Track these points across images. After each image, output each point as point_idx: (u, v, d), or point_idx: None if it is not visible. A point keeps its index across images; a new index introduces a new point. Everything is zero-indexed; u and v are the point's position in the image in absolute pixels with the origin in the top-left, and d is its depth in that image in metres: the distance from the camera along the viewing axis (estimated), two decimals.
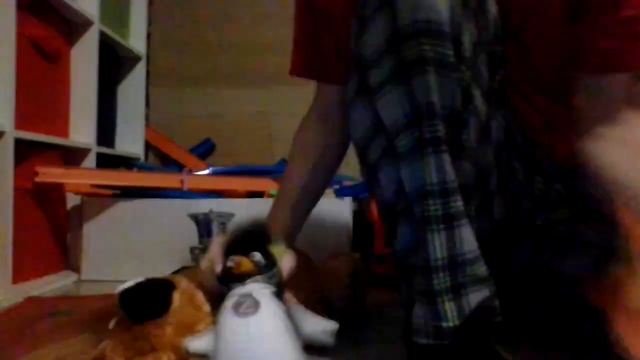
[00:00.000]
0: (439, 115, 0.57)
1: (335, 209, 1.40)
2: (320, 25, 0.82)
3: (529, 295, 0.80)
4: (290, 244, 0.76)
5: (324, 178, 0.87)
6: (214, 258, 0.65)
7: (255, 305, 0.57)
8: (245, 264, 0.61)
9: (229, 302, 0.59)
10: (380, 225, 1.36)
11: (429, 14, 0.56)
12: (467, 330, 0.58)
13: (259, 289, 0.60)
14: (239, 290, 0.60)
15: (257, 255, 0.62)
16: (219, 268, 0.64)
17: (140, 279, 0.63)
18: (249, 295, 0.58)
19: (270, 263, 0.63)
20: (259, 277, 0.61)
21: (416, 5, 0.56)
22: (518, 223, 0.74)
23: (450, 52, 0.57)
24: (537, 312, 0.82)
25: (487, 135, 0.66)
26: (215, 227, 1.36)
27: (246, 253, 0.63)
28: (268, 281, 0.62)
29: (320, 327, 0.64)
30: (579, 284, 0.75)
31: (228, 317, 0.58)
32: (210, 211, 1.38)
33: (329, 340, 0.64)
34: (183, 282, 0.66)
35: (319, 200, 0.88)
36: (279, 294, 0.64)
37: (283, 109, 1.90)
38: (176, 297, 0.63)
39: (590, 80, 0.67)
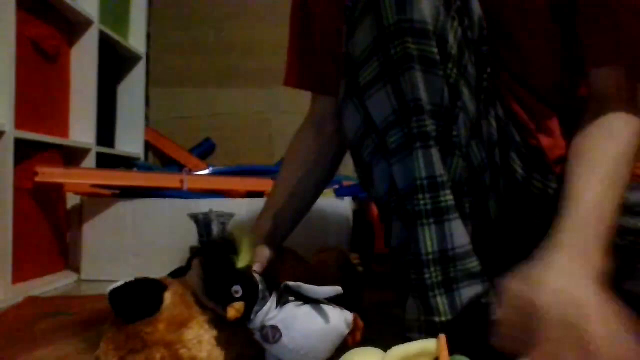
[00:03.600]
0: (427, 111, 0.58)
1: (335, 209, 1.40)
2: (315, 37, 0.82)
3: None
4: (274, 248, 0.77)
5: (313, 188, 0.87)
6: (196, 287, 0.66)
7: (275, 330, 0.61)
8: (238, 308, 0.61)
9: (257, 337, 0.63)
10: (380, 225, 1.37)
11: (413, 14, 0.57)
12: (464, 327, 0.58)
13: (268, 318, 0.62)
14: (253, 325, 0.63)
15: (239, 289, 0.62)
16: (203, 296, 0.65)
17: (129, 279, 0.63)
18: (264, 327, 0.62)
19: (252, 283, 0.64)
20: (257, 309, 0.63)
21: (400, 6, 0.57)
22: (516, 222, 0.74)
23: (435, 50, 0.58)
24: None
25: (479, 132, 0.66)
26: (215, 227, 1.36)
27: (223, 270, 0.64)
28: (263, 302, 0.63)
29: (343, 318, 0.65)
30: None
31: (268, 348, 0.63)
32: (210, 211, 1.38)
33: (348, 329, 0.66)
34: (174, 283, 0.66)
35: (309, 208, 0.88)
36: (278, 292, 0.65)
37: (283, 109, 1.90)
38: (167, 296, 0.63)
39: (587, 76, 0.67)
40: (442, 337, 0.50)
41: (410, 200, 0.58)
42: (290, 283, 0.64)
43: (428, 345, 0.50)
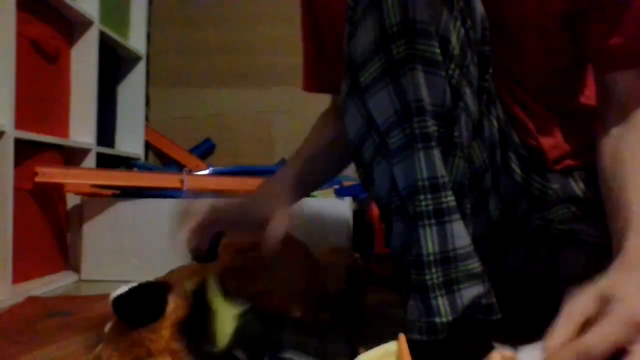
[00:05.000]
0: (429, 112, 0.57)
1: (335, 209, 1.40)
2: (327, 39, 0.82)
3: (527, 293, 0.80)
4: (293, 200, 0.78)
5: (337, 157, 0.88)
6: None
7: None
8: None
9: None
10: (380, 225, 1.37)
11: (415, 14, 0.57)
12: (465, 328, 0.58)
13: None
14: None
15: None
16: None
17: (133, 283, 0.62)
18: None
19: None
20: None
21: (403, 6, 0.57)
22: (516, 223, 0.74)
23: (437, 51, 0.58)
24: (536, 309, 0.82)
25: (480, 133, 0.66)
26: None
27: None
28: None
29: None
30: (577, 281, 0.76)
31: None
32: None
33: None
34: (177, 284, 0.66)
35: (331, 175, 0.90)
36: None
37: (283, 109, 1.90)
38: (171, 299, 0.63)
39: (602, 79, 0.68)
40: (402, 337, 0.50)
41: (411, 200, 0.58)
42: (284, 355, 0.61)
43: (390, 347, 0.50)
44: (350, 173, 1.40)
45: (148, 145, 1.95)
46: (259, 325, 0.63)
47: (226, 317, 0.61)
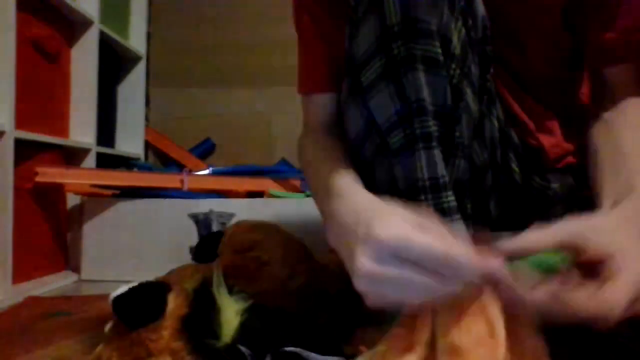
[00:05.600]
0: (430, 112, 0.57)
1: None
2: (330, 40, 0.81)
3: None
4: None
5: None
6: None
7: None
8: None
9: None
10: None
11: (417, 14, 0.57)
12: None
13: None
14: None
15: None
16: None
17: (133, 283, 0.62)
18: None
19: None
20: None
21: (404, 6, 0.57)
22: (516, 223, 0.74)
23: (439, 51, 0.57)
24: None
25: (481, 133, 0.66)
26: (215, 227, 1.36)
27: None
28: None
29: None
30: None
31: None
32: (210, 211, 1.38)
33: None
34: (177, 284, 0.66)
35: None
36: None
37: (283, 109, 1.90)
38: (171, 299, 0.63)
39: (596, 73, 0.68)
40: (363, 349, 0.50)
41: (412, 201, 0.58)
42: (288, 349, 0.60)
43: None
44: None
45: (148, 145, 1.95)
46: (263, 321, 0.63)
47: (231, 312, 0.61)
